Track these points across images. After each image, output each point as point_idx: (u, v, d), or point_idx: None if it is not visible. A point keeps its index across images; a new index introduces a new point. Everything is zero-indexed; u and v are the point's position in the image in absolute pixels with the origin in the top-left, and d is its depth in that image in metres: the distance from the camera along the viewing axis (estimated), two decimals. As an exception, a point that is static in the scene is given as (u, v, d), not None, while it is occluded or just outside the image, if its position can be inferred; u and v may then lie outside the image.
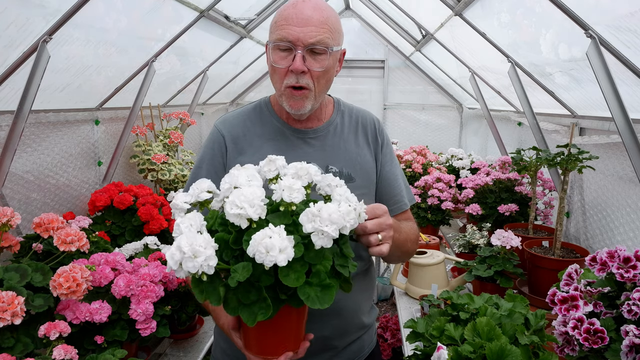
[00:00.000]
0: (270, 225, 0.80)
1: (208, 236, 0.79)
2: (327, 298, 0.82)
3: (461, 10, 2.54)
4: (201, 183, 0.93)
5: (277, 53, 1.12)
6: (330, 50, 1.11)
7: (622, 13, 1.56)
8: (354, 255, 0.91)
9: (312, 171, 0.93)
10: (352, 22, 5.01)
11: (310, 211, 0.82)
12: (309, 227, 0.81)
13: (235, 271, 0.79)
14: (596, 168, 2.06)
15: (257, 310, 0.81)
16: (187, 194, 0.92)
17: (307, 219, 0.82)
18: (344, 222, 0.83)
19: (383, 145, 1.31)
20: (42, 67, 1.76)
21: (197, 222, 0.84)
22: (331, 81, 1.19)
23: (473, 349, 0.93)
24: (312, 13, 1.08)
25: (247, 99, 5.29)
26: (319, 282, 0.83)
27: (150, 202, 2.27)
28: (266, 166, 0.95)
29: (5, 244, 1.50)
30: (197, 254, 0.76)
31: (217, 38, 3.34)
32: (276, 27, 1.12)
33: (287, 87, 1.13)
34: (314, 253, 0.83)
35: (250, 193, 0.82)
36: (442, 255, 2.16)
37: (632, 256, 1.02)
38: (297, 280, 0.80)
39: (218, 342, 1.34)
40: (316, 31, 1.08)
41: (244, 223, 0.81)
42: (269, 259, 0.76)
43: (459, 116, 4.97)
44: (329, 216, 0.81)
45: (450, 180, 2.98)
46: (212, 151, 1.24)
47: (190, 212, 0.88)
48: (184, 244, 0.76)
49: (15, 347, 1.27)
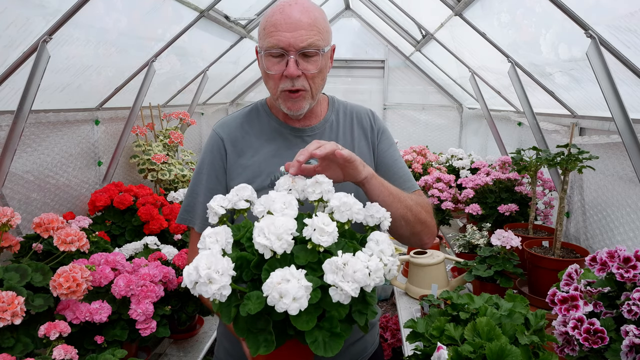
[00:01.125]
0: (292, 267, 0.77)
1: (228, 262, 0.77)
2: (335, 346, 0.78)
3: (461, 10, 2.54)
4: (242, 190, 0.91)
5: (269, 60, 1.12)
6: (322, 52, 1.12)
7: (622, 13, 1.56)
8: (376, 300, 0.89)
9: (354, 209, 0.89)
10: (352, 22, 5.01)
11: (334, 262, 0.77)
12: (330, 279, 0.77)
13: (248, 299, 0.78)
14: (596, 168, 2.06)
15: (262, 341, 0.79)
16: (225, 198, 0.91)
17: (331, 269, 0.77)
18: (369, 281, 0.78)
19: (379, 133, 1.31)
20: (42, 67, 1.76)
21: (223, 239, 0.82)
22: (325, 79, 1.20)
23: (473, 349, 0.93)
24: (301, 16, 1.08)
25: (247, 99, 5.29)
26: (330, 327, 0.79)
27: (150, 202, 2.27)
28: (311, 187, 0.93)
29: (5, 244, 1.50)
30: (212, 280, 0.74)
31: (217, 38, 3.34)
32: (265, 33, 1.11)
33: (283, 91, 1.14)
34: (331, 299, 0.78)
35: (281, 225, 0.79)
36: (442, 255, 2.16)
37: (632, 256, 1.02)
38: (307, 324, 0.76)
39: (221, 342, 1.34)
40: (306, 35, 1.08)
41: (268, 254, 0.79)
42: (280, 306, 0.73)
43: (459, 116, 4.97)
44: (353, 273, 0.76)
45: (450, 180, 2.98)
46: (212, 155, 1.24)
47: (224, 218, 0.87)
48: (202, 267, 0.74)
49: (15, 347, 1.27)
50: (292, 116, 1.22)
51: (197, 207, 1.23)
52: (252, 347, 0.80)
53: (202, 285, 0.74)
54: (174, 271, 1.73)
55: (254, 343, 0.80)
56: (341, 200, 0.89)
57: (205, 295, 0.75)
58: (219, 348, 1.35)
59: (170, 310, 1.64)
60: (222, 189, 1.22)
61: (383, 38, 4.95)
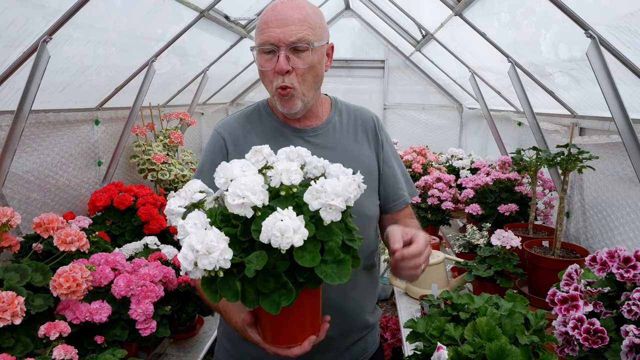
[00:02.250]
0: (278, 209, 0.79)
1: (217, 231, 0.78)
2: (344, 273, 0.82)
3: (461, 10, 2.54)
4: (192, 184, 0.92)
5: (262, 57, 1.14)
6: (312, 46, 1.11)
7: (622, 13, 1.56)
8: (358, 247, 0.91)
9: (302, 152, 0.95)
10: (352, 22, 5.01)
11: (314, 188, 0.82)
12: (316, 204, 0.81)
13: (250, 262, 0.79)
14: (596, 168, 2.06)
15: (279, 298, 0.81)
16: (180, 197, 0.91)
17: (312, 196, 0.82)
18: (348, 193, 0.83)
19: (383, 142, 1.31)
20: (42, 67, 1.76)
21: (202, 220, 0.83)
22: (320, 77, 1.19)
23: (473, 349, 0.93)
24: (291, 13, 1.10)
25: (247, 99, 5.28)
26: (334, 258, 0.83)
27: (150, 202, 2.27)
28: (253, 157, 0.94)
29: (5, 244, 1.50)
30: (211, 249, 0.75)
31: (217, 38, 3.34)
32: (259, 32, 1.13)
33: (277, 88, 1.14)
34: (324, 230, 0.83)
35: (250, 181, 0.81)
36: (442, 255, 2.16)
37: (632, 256, 1.02)
38: (313, 260, 0.80)
39: (221, 342, 1.34)
40: (296, 30, 1.09)
41: (249, 212, 0.81)
42: (285, 242, 0.76)
43: (459, 116, 4.97)
44: (333, 189, 0.81)
45: (450, 180, 2.98)
46: (214, 154, 1.24)
47: (185, 215, 0.87)
48: (195, 242, 0.75)
49: (15, 347, 1.27)
50: (288, 116, 1.22)
51: None
52: (272, 307, 0.80)
53: (203, 257, 0.75)
54: (174, 271, 1.73)
55: (272, 303, 0.81)
56: (286, 151, 0.96)
57: (209, 267, 0.75)
58: (219, 348, 1.35)
59: (170, 310, 1.64)
60: None
61: (383, 38, 4.95)
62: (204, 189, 0.93)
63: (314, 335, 0.94)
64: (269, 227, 0.77)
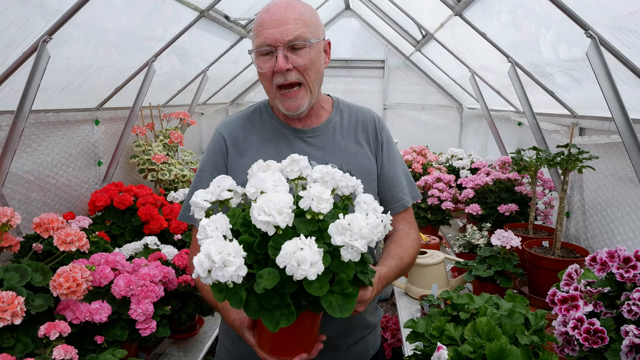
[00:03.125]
0: (301, 237, 0.79)
1: (236, 244, 0.78)
2: (348, 307, 0.82)
3: (461, 10, 2.54)
4: (223, 181, 0.92)
5: (260, 59, 1.15)
6: (309, 43, 1.12)
7: (622, 13, 1.56)
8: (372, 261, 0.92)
9: (337, 176, 0.93)
10: (352, 22, 5.01)
11: (340, 224, 0.81)
12: (339, 240, 0.80)
13: (260, 277, 0.79)
14: (596, 168, 2.06)
15: (279, 317, 0.81)
16: (207, 191, 0.91)
17: (337, 231, 0.81)
18: (372, 235, 0.82)
19: (384, 144, 1.30)
20: (42, 67, 1.76)
21: (223, 226, 0.82)
22: (321, 73, 1.20)
23: (473, 349, 0.93)
24: (285, 12, 1.12)
25: (247, 99, 5.28)
26: (341, 290, 0.83)
27: (150, 202, 2.27)
28: (289, 166, 0.94)
29: (5, 244, 1.50)
30: (227, 263, 0.75)
31: (217, 38, 3.34)
32: (255, 35, 1.15)
33: (277, 87, 1.15)
34: (338, 263, 0.83)
35: (279, 200, 0.81)
36: (442, 255, 2.16)
37: (632, 256, 1.02)
38: (321, 289, 0.79)
39: (222, 341, 1.35)
40: (292, 28, 1.11)
41: (271, 230, 0.81)
42: (300, 273, 0.76)
43: (459, 116, 4.97)
44: (359, 230, 0.80)
45: (450, 180, 2.98)
46: (214, 154, 1.25)
47: (209, 212, 0.88)
48: (213, 252, 0.75)
49: (15, 347, 1.27)
50: (291, 116, 1.22)
51: None
52: (271, 323, 0.81)
53: (218, 270, 0.75)
54: (174, 271, 1.73)
55: (271, 320, 0.81)
56: (322, 171, 0.93)
57: (222, 279, 0.75)
58: (220, 347, 1.36)
59: (170, 310, 1.64)
60: None
61: (383, 38, 4.95)
62: (233, 188, 0.93)
63: (306, 354, 0.95)
64: (288, 253, 0.76)
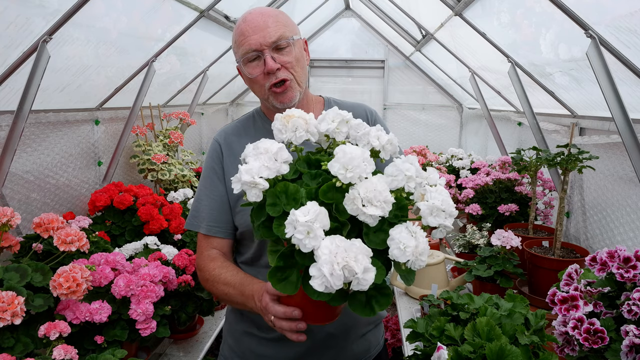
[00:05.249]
0: (408, 224, 0.77)
1: (361, 243, 0.77)
2: (385, 302, 0.83)
3: (461, 10, 2.54)
4: (281, 152, 0.87)
5: (248, 66, 1.21)
6: (291, 41, 1.20)
7: (622, 13, 1.56)
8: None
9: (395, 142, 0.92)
10: (352, 22, 5.01)
11: (435, 206, 0.79)
12: (433, 222, 0.79)
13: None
14: (596, 168, 2.06)
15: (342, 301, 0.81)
16: (262, 167, 0.83)
17: (429, 212, 0.79)
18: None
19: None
20: (42, 67, 1.76)
21: (324, 221, 0.77)
22: (306, 69, 1.27)
23: (473, 349, 0.93)
24: (262, 18, 1.19)
25: (247, 99, 5.28)
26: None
27: (150, 202, 2.27)
28: (339, 125, 0.90)
29: (5, 244, 1.50)
30: (357, 268, 0.73)
31: (217, 38, 3.34)
32: (238, 45, 1.20)
33: (270, 87, 1.20)
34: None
35: (383, 189, 0.77)
36: (442, 255, 2.16)
37: (632, 256, 1.02)
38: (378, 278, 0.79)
39: (226, 340, 1.38)
40: (273, 30, 1.17)
41: (373, 222, 0.77)
42: (419, 264, 0.77)
43: (459, 116, 4.97)
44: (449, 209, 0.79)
45: (450, 180, 2.97)
46: (212, 161, 1.30)
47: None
48: (352, 261, 0.72)
49: (15, 347, 1.27)
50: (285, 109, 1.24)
51: (202, 211, 1.27)
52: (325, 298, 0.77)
53: (356, 280, 0.73)
54: (173, 271, 1.73)
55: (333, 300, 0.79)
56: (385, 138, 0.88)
57: (359, 287, 0.73)
58: (223, 346, 1.39)
59: (170, 310, 1.64)
60: (223, 191, 1.27)
61: (383, 38, 4.95)
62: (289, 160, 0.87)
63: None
64: (408, 247, 0.75)
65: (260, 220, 0.81)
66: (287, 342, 1.23)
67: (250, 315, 1.27)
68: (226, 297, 1.17)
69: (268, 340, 1.26)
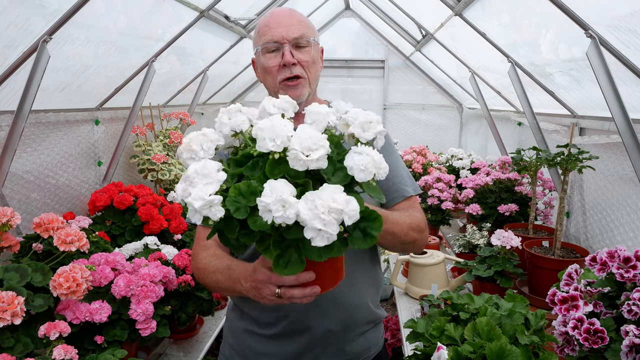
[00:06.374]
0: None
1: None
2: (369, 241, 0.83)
3: (461, 10, 2.54)
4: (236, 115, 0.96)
5: (266, 56, 1.25)
6: (312, 41, 1.25)
7: (622, 13, 1.56)
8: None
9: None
10: (352, 22, 5.00)
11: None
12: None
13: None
14: (596, 168, 2.06)
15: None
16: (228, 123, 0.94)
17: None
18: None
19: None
20: (42, 67, 1.76)
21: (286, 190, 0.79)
22: (319, 73, 1.31)
23: (473, 349, 0.93)
24: (289, 14, 1.25)
25: (247, 99, 5.29)
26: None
27: (150, 202, 2.27)
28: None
29: (5, 244, 1.50)
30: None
31: (217, 38, 3.34)
32: (260, 34, 1.25)
33: (282, 81, 1.24)
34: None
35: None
36: (442, 255, 2.16)
37: (632, 256, 1.02)
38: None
39: (227, 339, 1.38)
40: (296, 28, 1.22)
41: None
42: (383, 172, 0.82)
43: (459, 116, 4.97)
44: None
45: (450, 180, 2.97)
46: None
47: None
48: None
49: (15, 347, 1.27)
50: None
51: None
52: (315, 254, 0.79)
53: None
54: (174, 271, 1.73)
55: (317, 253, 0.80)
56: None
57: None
58: (224, 344, 1.39)
59: (170, 310, 1.64)
60: None
61: (383, 38, 4.95)
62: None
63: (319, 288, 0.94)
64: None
65: (236, 233, 0.82)
66: (287, 340, 1.23)
67: (251, 313, 1.27)
68: (215, 284, 1.17)
69: (268, 338, 1.26)
